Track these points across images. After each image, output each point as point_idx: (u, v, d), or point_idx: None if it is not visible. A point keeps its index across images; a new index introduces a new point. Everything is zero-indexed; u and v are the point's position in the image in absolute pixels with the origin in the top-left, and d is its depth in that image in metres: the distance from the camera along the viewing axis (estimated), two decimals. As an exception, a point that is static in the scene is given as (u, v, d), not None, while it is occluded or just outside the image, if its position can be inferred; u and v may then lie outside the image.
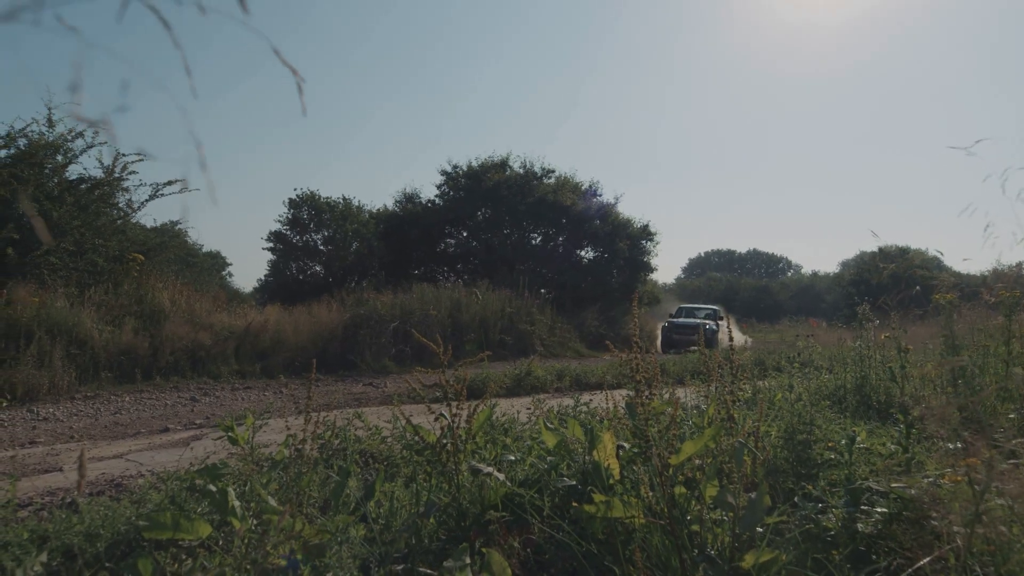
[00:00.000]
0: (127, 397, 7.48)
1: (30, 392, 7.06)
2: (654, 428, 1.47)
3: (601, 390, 8.01)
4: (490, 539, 1.89)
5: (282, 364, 10.60)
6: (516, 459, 2.29)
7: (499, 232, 22.96)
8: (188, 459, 3.76)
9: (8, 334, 7.70)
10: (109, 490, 3.06)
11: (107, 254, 10.20)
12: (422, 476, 2.52)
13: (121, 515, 2.14)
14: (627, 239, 24.08)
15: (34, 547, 2.02)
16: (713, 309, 21.52)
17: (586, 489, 2.03)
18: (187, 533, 1.83)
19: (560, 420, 3.10)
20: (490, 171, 22.97)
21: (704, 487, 1.56)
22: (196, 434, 4.92)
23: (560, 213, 23.13)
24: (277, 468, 1.94)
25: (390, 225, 21.87)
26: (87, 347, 8.39)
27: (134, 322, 9.35)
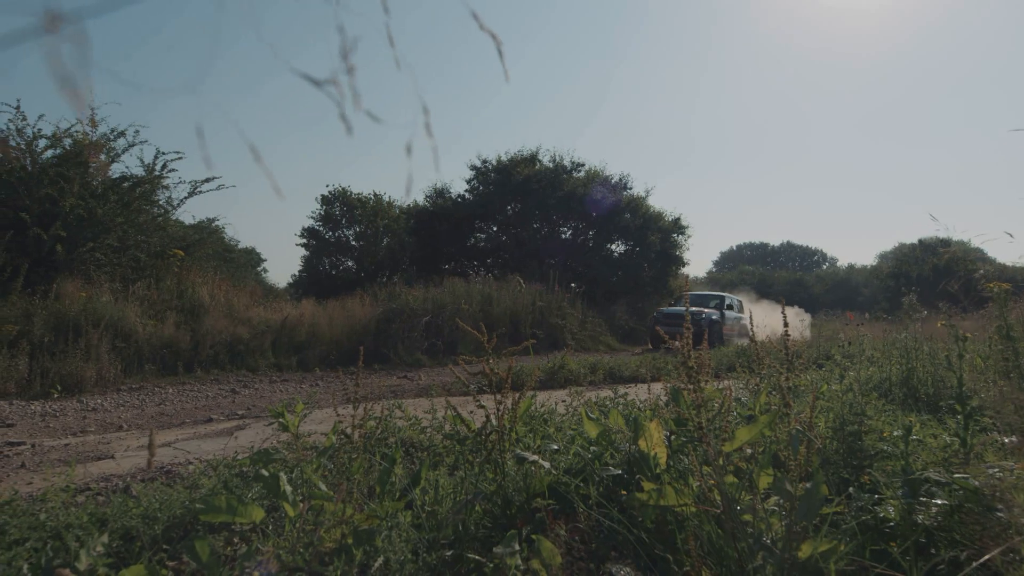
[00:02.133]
0: (170, 389, 7.69)
1: (79, 383, 7.30)
2: (705, 415, 1.46)
3: (635, 383, 7.95)
4: (537, 527, 1.90)
5: (317, 357, 10.78)
6: (559, 448, 2.29)
7: (529, 226, 22.94)
8: (233, 448, 3.85)
9: (57, 328, 7.97)
10: (160, 476, 3.15)
11: (149, 250, 10.49)
12: (465, 465, 2.53)
13: (176, 499, 2.20)
14: (658, 232, 23.87)
15: (95, 529, 2.09)
16: (721, 296, 17.99)
17: (632, 478, 2.02)
18: (241, 517, 1.87)
19: (600, 411, 3.09)
20: (519, 165, 22.96)
21: (757, 476, 1.54)
22: (239, 424, 5.03)
23: (590, 207, 23.01)
24: (326, 454, 1.98)
25: (420, 220, 22.03)
26: (131, 340, 8.64)
27: (175, 316, 9.59)
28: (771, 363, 1.81)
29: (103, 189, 10.01)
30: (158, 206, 11.19)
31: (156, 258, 10.63)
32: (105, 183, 10.15)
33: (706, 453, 1.45)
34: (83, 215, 9.43)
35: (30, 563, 1.96)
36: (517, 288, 14.85)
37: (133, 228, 10.27)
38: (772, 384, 1.77)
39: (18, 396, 6.67)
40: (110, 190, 10.09)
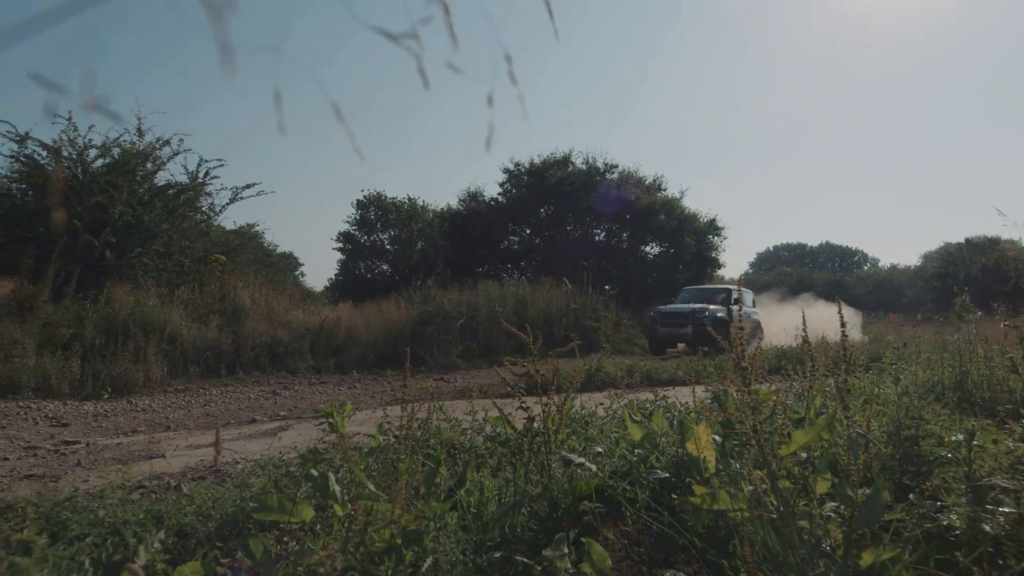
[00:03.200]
0: (214, 390, 7.88)
1: (128, 385, 7.54)
2: (759, 417, 1.42)
3: (673, 386, 7.85)
4: (584, 530, 1.88)
5: (355, 360, 10.92)
6: (603, 451, 2.27)
7: (562, 228, 22.91)
8: (277, 448, 3.92)
9: (108, 331, 8.25)
10: (209, 475, 3.23)
11: (193, 255, 10.78)
12: (508, 466, 2.53)
13: (228, 498, 2.25)
14: (693, 234, 23.59)
15: (152, 525, 2.15)
16: (727, 290, 15.52)
17: (680, 482, 1.99)
18: (292, 516, 1.90)
19: (642, 413, 3.05)
20: (552, 168, 22.94)
21: (814, 480, 1.50)
22: (282, 425, 5.13)
23: (624, 208, 22.85)
24: (372, 455, 2.00)
25: (454, 224, 22.18)
26: (177, 343, 8.89)
27: (218, 319, 9.84)
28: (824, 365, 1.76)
29: (150, 196, 10.33)
30: (201, 212, 11.51)
31: (199, 263, 10.93)
32: (151, 190, 10.48)
33: (760, 456, 1.42)
34: (131, 222, 9.76)
35: (91, 558, 2.02)
36: (564, 289, 14.92)
37: (178, 234, 10.58)
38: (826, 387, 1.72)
39: (71, 397, 6.92)
40: (156, 197, 10.41)
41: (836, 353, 3.54)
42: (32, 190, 9.98)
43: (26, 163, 9.83)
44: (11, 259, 8.90)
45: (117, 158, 10.24)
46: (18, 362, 7.01)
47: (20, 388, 6.74)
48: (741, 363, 1.44)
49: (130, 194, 9.99)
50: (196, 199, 11.19)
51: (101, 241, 9.40)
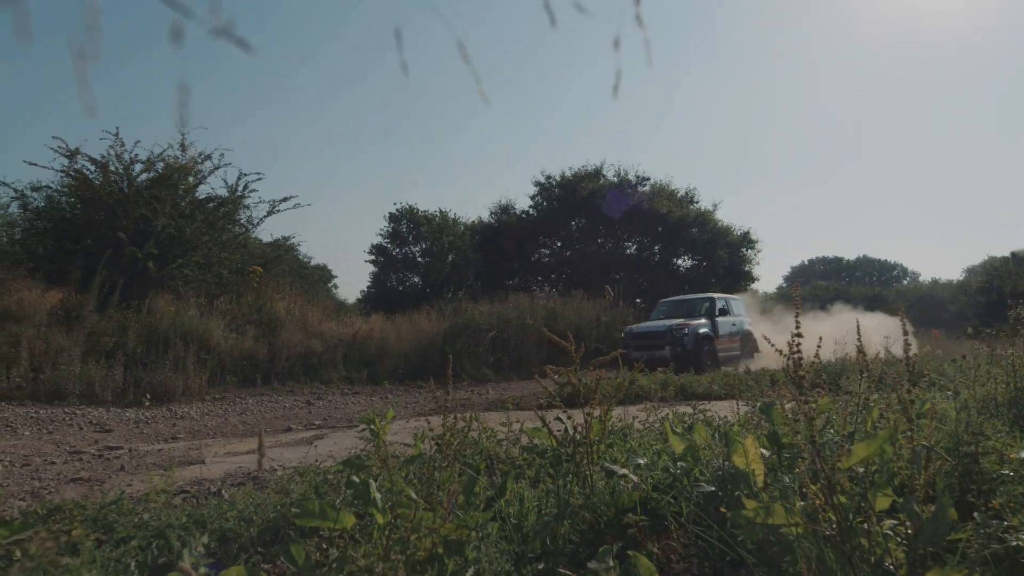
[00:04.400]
0: (250, 399, 8.00)
1: (168, 393, 7.70)
2: (815, 427, 1.37)
3: (708, 400, 7.70)
4: (628, 543, 1.84)
5: (387, 371, 11.00)
6: (645, 463, 2.23)
7: (593, 241, 22.83)
8: (313, 456, 3.95)
9: (149, 340, 8.46)
10: (248, 482, 3.26)
11: (231, 267, 11.03)
12: (546, 478, 2.50)
13: (268, 504, 2.27)
14: (726, 247, 23.29)
15: (195, 529, 2.17)
16: (711, 299, 13.26)
17: (727, 495, 1.94)
18: (333, 522, 1.90)
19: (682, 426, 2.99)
20: (583, 180, 22.93)
21: (873, 496, 1.43)
22: (317, 434, 5.18)
23: (656, 221, 22.69)
24: (413, 463, 1.99)
25: (485, 236, 22.28)
26: (215, 353, 9.07)
27: (254, 330, 10.02)
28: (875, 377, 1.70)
29: (191, 209, 10.63)
30: (240, 225, 11.79)
31: (237, 274, 11.17)
32: (193, 203, 10.77)
33: (818, 469, 1.37)
34: (173, 234, 10.03)
35: (137, 561, 2.05)
36: (602, 298, 14.81)
37: (217, 246, 10.84)
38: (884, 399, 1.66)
39: (114, 404, 7.10)
40: (197, 210, 10.70)
41: (881, 365, 3.43)
42: (81, 203, 10.34)
43: (76, 177, 10.20)
44: (60, 270, 9.22)
45: (161, 172, 10.56)
46: (64, 369, 7.23)
47: (66, 395, 6.94)
48: (797, 372, 1.40)
49: (172, 207, 10.28)
50: (235, 212, 11.47)
51: (144, 253, 9.68)
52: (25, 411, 6.19)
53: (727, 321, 13.02)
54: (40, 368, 7.23)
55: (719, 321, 12.67)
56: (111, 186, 10.20)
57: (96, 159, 10.21)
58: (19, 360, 7.10)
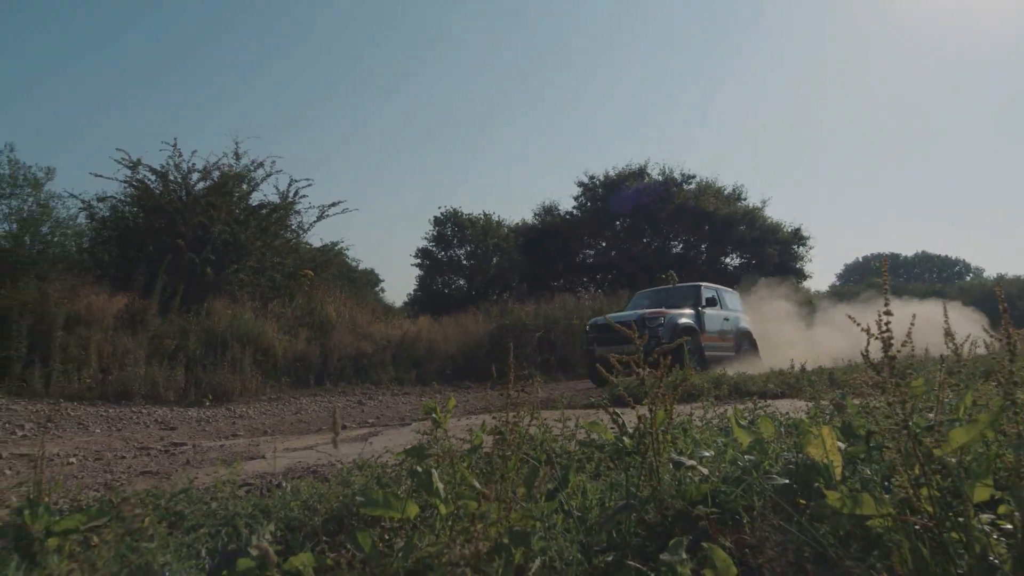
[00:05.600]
0: (304, 399, 8.18)
1: (226, 393, 7.94)
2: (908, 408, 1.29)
3: (763, 398, 7.47)
4: (699, 536, 1.78)
5: (434, 372, 11.09)
6: (710, 456, 2.16)
7: (638, 241, 22.57)
8: (369, 452, 3.99)
9: (208, 342, 8.74)
10: (307, 475, 3.31)
11: (283, 271, 11.32)
12: (607, 471, 2.46)
13: (331, 494, 2.29)
14: (776, 244, 22.72)
15: (262, 518, 2.21)
16: (696, 288, 11.31)
17: (802, 488, 1.86)
18: (397, 512, 1.89)
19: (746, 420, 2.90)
20: (627, 179, 22.71)
21: (971, 487, 1.34)
22: (371, 431, 5.24)
23: (702, 219, 22.30)
24: (476, 452, 1.97)
25: (529, 238, 22.30)
26: (270, 354, 9.31)
27: (307, 332, 10.25)
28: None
29: (245, 216, 10.96)
30: (290, 230, 12.08)
31: (289, 278, 11.45)
32: (247, 210, 11.11)
33: (912, 456, 1.29)
34: (228, 240, 10.36)
35: (207, 547, 2.10)
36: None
37: (270, 251, 11.14)
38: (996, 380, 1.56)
39: (177, 403, 7.35)
40: (251, 216, 11.03)
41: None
42: (143, 212, 10.78)
43: (138, 187, 10.65)
44: (124, 276, 9.62)
45: (217, 180, 10.93)
46: (130, 371, 7.53)
47: (132, 395, 7.23)
48: (887, 352, 1.32)
49: (228, 214, 10.63)
50: (286, 217, 11.77)
51: (202, 258, 10.02)
52: (95, 410, 6.47)
53: (716, 314, 11.05)
54: (108, 369, 7.55)
55: (706, 313, 10.66)
56: (170, 195, 10.61)
57: (156, 169, 10.66)
58: (89, 362, 7.43)
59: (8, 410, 6.05)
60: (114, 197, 10.80)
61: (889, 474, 1.65)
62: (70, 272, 9.52)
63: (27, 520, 2.09)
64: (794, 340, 12.86)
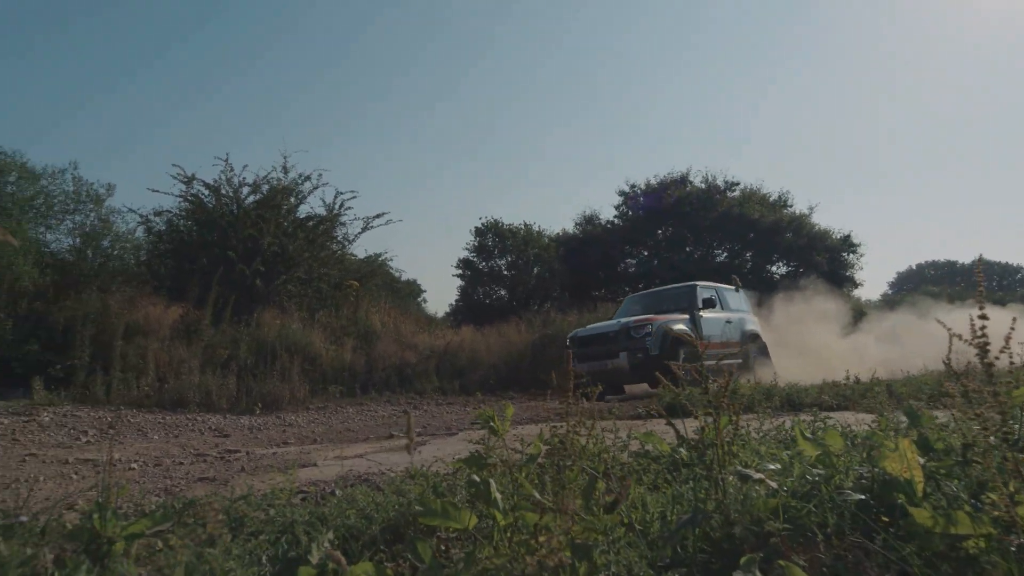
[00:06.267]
0: (350, 408, 8.28)
1: (276, 402, 8.10)
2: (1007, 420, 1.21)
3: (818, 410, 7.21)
4: (770, 554, 1.71)
5: (478, 382, 11.09)
6: (778, 468, 2.08)
7: (681, 250, 22.23)
8: (418, 461, 4.00)
9: (258, 352, 8.96)
10: (359, 483, 3.33)
11: (330, 282, 11.54)
12: (664, 484, 2.40)
13: (388, 503, 2.29)
14: (825, 251, 22.08)
15: (321, 525, 2.22)
16: (692, 287, 9.96)
17: (879, 504, 1.77)
18: (455, 522, 1.88)
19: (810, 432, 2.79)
20: (669, 188, 22.43)
21: (1076, 504, 1.25)
22: (419, 440, 5.25)
23: (747, 227, 21.84)
24: (533, 461, 1.94)
25: (570, 248, 22.21)
26: (317, 364, 9.48)
27: (352, 342, 10.41)
28: None
29: (293, 228, 11.23)
30: (336, 241, 12.31)
31: (335, 289, 11.67)
32: (294, 223, 11.38)
33: (1010, 470, 1.20)
34: (277, 252, 10.63)
35: (268, 555, 2.12)
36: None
37: (317, 262, 11.39)
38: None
39: (229, 411, 7.54)
40: (299, 228, 11.30)
41: None
42: (196, 225, 11.16)
43: (192, 201, 11.04)
44: (179, 288, 9.96)
45: (266, 194, 11.23)
46: (185, 379, 7.76)
47: (187, 402, 7.44)
48: (984, 359, 1.24)
49: (276, 226, 10.90)
50: (332, 229, 12.02)
51: (252, 270, 10.29)
52: (154, 417, 6.68)
53: (716, 317, 9.67)
54: (164, 378, 7.80)
55: (704, 317, 9.28)
56: (222, 208, 10.96)
57: (209, 184, 11.03)
58: (147, 371, 7.69)
59: (73, 416, 6.30)
60: (170, 211, 11.24)
61: (978, 491, 1.55)
62: (129, 284, 9.91)
63: (97, 524, 2.15)
64: (833, 349, 12.23)
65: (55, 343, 7.39)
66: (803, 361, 10.37)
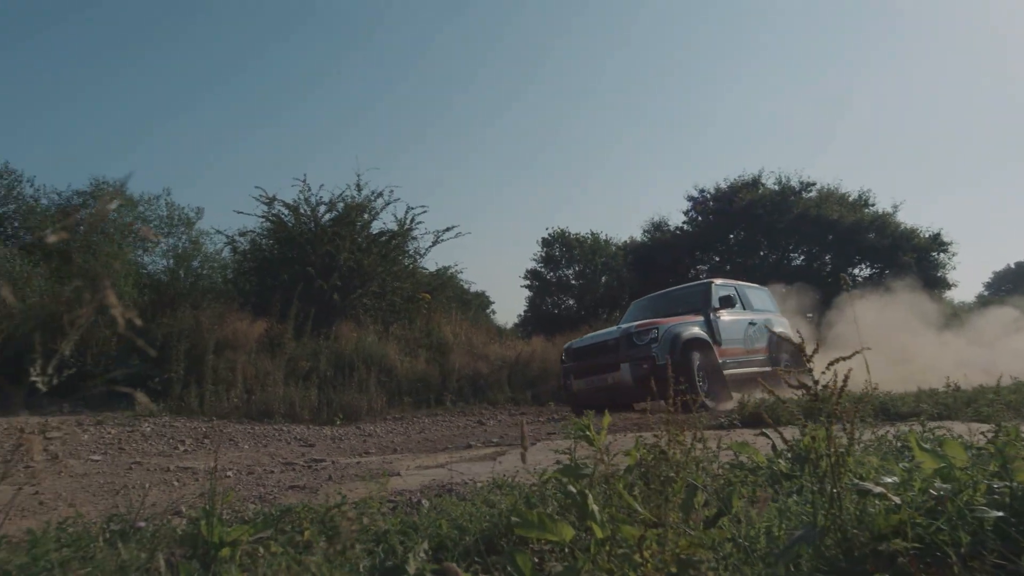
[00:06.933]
0: (426, 419, 8.40)
1: (355, 412, 8.32)
2: None
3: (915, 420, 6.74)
4: (896, 574, 1.59)
5: (550, 392, 11.03)
6: (896, 482, 1.93)
7: (755, 254, 21.49)
8: (499, 471, 3.98)
9: (337, 364, 9.24)
10: (443, 493, 3.35)
11: (403, 295, 11.80)
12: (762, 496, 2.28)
13: (480, 514, 2.29)
14: (912, 252, 20.80)
15: (415, 535, 2.24)
16: (707, 285, 8.77)
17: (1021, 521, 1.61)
18: (552, 534, 1.84)
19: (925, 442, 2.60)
20: (740, 191, 21.75)
21: None
22: (497, 450, 5.26)
23: (825, 229, 20.89)
24: (632, 471, 1.89)
25: (639, 255, 21.90)
26: (392, 375, 9.69)
27: (426, 353, 10.59)
28: None
29: (367, 243, 11.57)
30: (408, 255, 12.59)
31: (408, 302, 11.92)
32: (368, 238, 11.73)
33: None
34: (353, 267, 10.98)
35: (364, 565, 2.15)
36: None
37: (390, 276, 11.68)
38: None
39: (311, 422, 7.80)
40: (372, 244, 11.64)
41: None
42: (277, 244, 11.67)
43: (273, 221, 11.57)
44: (263, 303, 10.42)
45: (341, 212, 11.64)
46: (271, 391, 8.09)
47: (273, 413, 7.75)
48: None
49: (352, 242, 11.27)
50: (404, 243, 12.30)
51: (330, 285, 10.66)
52: (243, 427, 6.99)
53: (737, 319, 8.40)
54: (252, 390, 8.16)
55: (722, 319, 8.06)
56: (301, 227, 11.43)
57: (289, 204, 11.54)
58: (236, 383, 8.07)
59: (171, 427, 6.67)
60: (253, 231, 11.81)
61: None
62: (218, 301, 10.45)
63: (204, 530, 2.24)
64: (924, 354, 11.35)
65: (153, 358, 7.86)
66: (890, 367, 9.75)
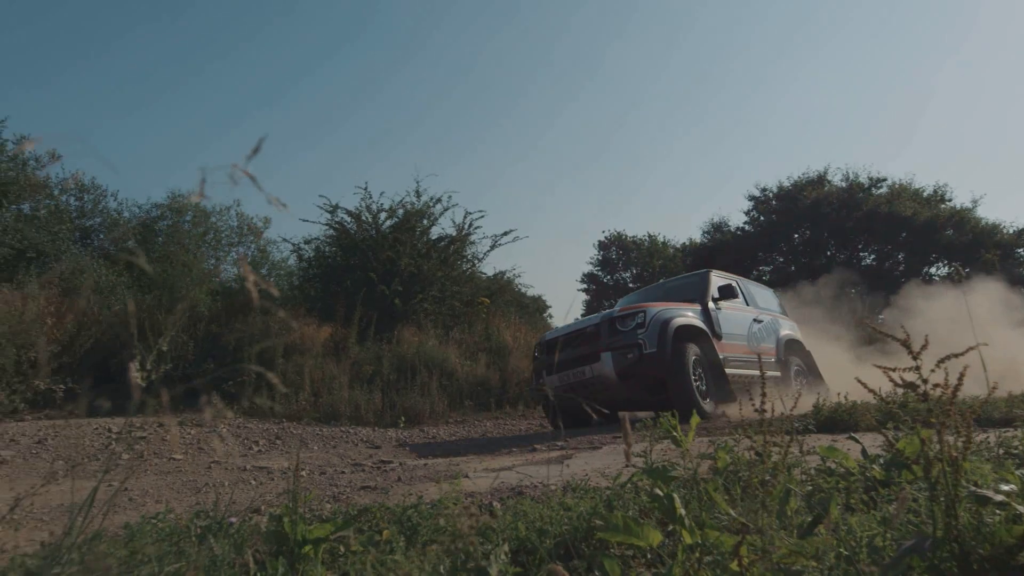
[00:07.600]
0: (487, 422, 8.42)
1: (417, 416, 8.42)
2: None
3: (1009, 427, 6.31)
4: (1025, 590, 1.46)
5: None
6: (1016, 490, 1.79)
7: (821, 254, 20.70)
8: (568, 474, 3.94)
9: (399, 368, 9.38)
10: (513, 495, 3.33)
11: (462, 299, 11.90)
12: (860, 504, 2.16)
13: (558, 517, 2.25)
14: (995, 248, 19.59)
15: (494, 537, 2.23)
16: (704, 275, 7.65)
17: None
18: (638, 539, 1.79)
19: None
20: (805, 189, 21.02)
21: None
22: (563, 454, 5.21)
23: (898, 226, 19.93)
24: (722, 474, 1.82)
25: (699, 257, 21.45)
26: (453, 379, 9.76)
27: (486, 357, 10.62)
28: None
29: (427, 249, 11.73)
30: (467, 260, 12.70)
31: (467, 306, 12.01)
32: (428, 244, 11.89)
33: None
34: (413, 272, 11.14)
35: (444, 566, 2.14)
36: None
37: (449, 281, 11.80)
38: None
39: (376, 424, 7.94)
40: (432, 249, 11.78)
41: None
42: (340, 250, 11.98)
43: (336, 229, 11.89)
44: (328, 309, 10.70)
45: (401, 218, 11.85)
46: (337, 394, 8.29)
47: (339, 415, 7.94)
48: None
49: (412, 248, 11.45)
50: (463, 248, 12.40)
51: (391, 290, 10.85)
52: (312, 429, 7.18)
53: (740, 313, 7.52)
54: (319, 393, 8.38)
55: (722, 311, 7.14)
56: (363, 233, 11.70)
57: (351, 211, 11.82)
58: (304, 386, 8.30)
59: (244, 428, 6.92)
60: (317, 239, 12.17)
61: None
62: (285, 307, 10.80)
63: (287, 528, 2.28)
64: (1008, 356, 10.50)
65: (226, 361, 8.18)
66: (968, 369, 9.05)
